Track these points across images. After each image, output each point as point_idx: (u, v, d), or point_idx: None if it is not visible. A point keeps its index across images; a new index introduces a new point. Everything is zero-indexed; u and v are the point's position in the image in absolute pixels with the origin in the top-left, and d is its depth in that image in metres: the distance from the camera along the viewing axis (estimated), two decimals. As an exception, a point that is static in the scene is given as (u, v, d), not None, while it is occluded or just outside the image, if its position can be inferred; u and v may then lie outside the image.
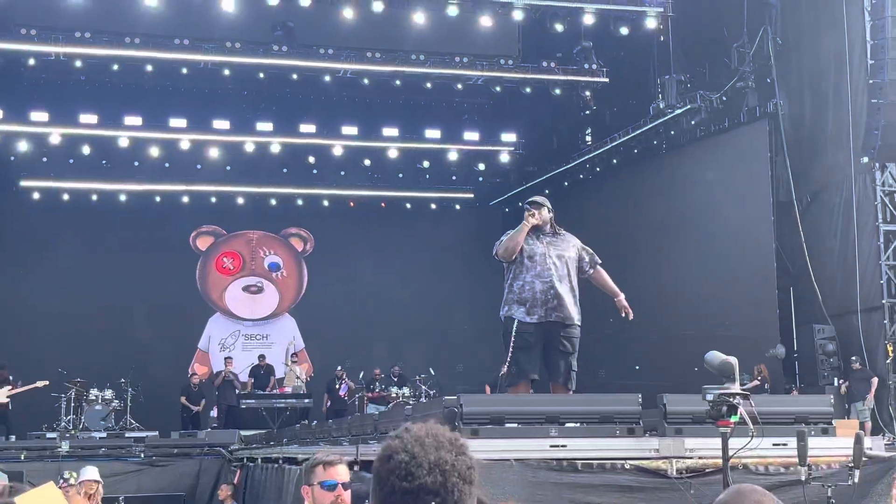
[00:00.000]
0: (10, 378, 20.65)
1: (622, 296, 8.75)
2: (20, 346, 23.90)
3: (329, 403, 22.57)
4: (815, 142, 19.11)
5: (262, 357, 23.24)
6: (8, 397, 20.36)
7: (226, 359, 22.79)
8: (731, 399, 5.71)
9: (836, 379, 18.09)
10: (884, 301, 17.66)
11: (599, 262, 8.72)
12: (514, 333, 8.20)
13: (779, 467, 6.64)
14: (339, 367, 23.19)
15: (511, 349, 8.19)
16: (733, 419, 5.71)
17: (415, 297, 27.56)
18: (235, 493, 15.59)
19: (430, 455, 2.18)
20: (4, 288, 25.70)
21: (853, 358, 17.70)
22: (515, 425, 6.87)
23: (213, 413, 22.47)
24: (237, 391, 22.18)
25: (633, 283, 12.60)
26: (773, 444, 6.50)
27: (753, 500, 2.50)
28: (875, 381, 17.39)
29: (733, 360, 5.91)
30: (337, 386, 22.72)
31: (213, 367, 25.49)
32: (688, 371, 14.15)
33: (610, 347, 22.77)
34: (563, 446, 6.63)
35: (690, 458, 6.65)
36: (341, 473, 4.80)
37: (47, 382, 20.45)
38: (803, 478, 6.14)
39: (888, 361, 17.58)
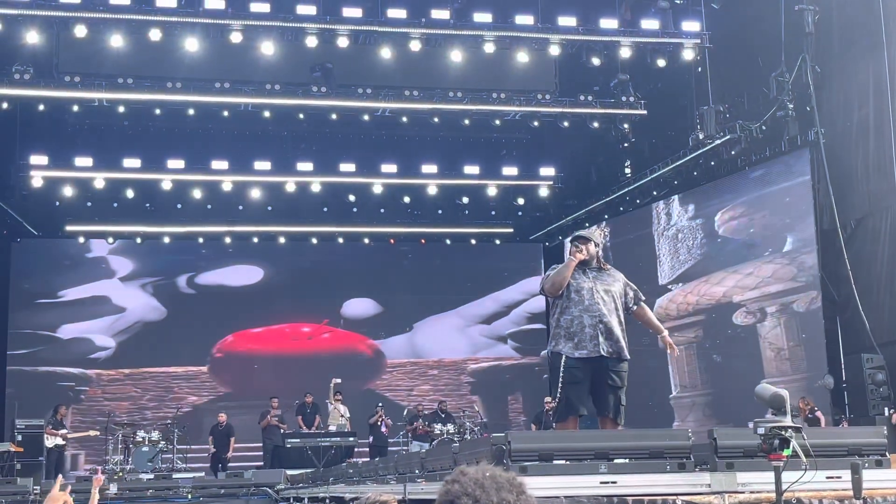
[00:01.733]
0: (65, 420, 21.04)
1: (666, 332, 8.74)
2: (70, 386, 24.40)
3: (371, 440, 22.59)
4: (858, 169, 18.94)
5: (307, 395, 23.27)
6: (65, 440, 20.68)
7: (271, 398, 22.83)
8: (783, 432, 5.65)
9: (886, 409, 17.80)
10: (933, 328, 17.40)
11: (643, 298, 8.72)
12: (562, 369, 8.18)
13: (833, 500, 6.53)
14: (380, 404, 23.22)
15: (560, 384, 8.17)
16: (786, 452, 5.64)
17: (455, 331, 27.60)
18: None
19: (492, 497, 2.20)
20: (54, 327, 26.12)
21: (903, 387, 17.43)
22: (564, 462, 6.82)
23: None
24: (282, 431, 22.23)
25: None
26: (827, 477, 6.41)
27: None
28: (926, 410, 17.11)
29: (784, 392, 5.85)
30: (379, 423, 22.72)
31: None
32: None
33: (655, 374, 22.73)
34: (613, 482, 6.56)
35: (743, 492, 6.56)
36: None
37: (98, 432, 20.73)
38: (859, 511, 6.05)
39: (939, 390, 17.29)
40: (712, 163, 22.01)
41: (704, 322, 22.97)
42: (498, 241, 29.08)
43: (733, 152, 21.19)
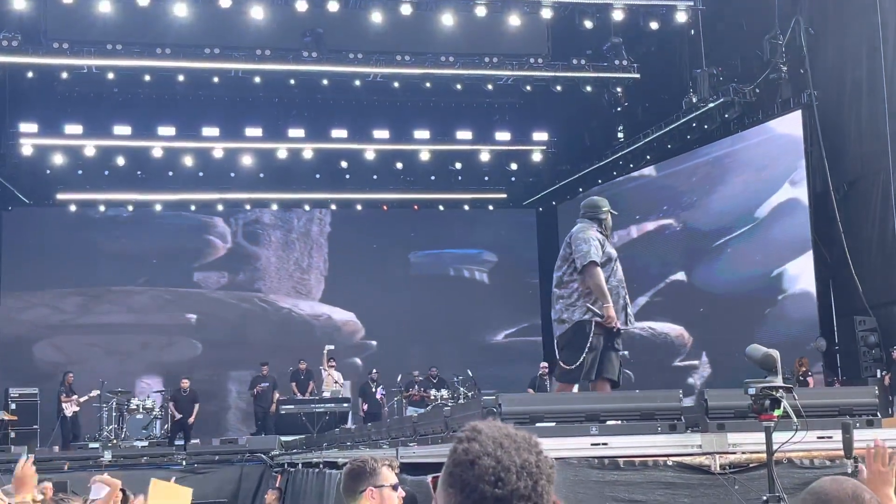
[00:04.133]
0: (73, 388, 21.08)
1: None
2: (60, 357, 24.24)
3: (366, 407, 22.61)
4: (851, 131, 18.89)
5: (301, 361, 23.27)
6: (78, 405, 20.74)
7: (262, 364, 22.78)
8: (774, 392, 5.64)
9: (878, 370, 17.85)
10: (925, 290, 17.42)
11: None
12: (592, 335, 8.18)
13: (824, 460, 6.54)
14: (374, 370, 23.23)
15: (586, 351, 8.17)
16: (777, 413, 5.63)
17: (448, 298, 27.57)
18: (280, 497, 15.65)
19: (514, 458, 2.08)
20: (44, 300, 26.00)
21: (894, 349, 17.46)
22: (555, 424, 6.82)
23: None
24: (274, 397, 22.18)
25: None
26: (818, 438, 6.41)
27: (852, 484, 2.48)
28: (919, 371, 17.15)
29: (775, 352, 5.83)
30: (373, 389, 22.73)
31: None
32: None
33: (645, 342, 22.72)
34: (604, 444, 6.57)
35: (734, 453, 6.57)
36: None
37: (98, 392, 20.75)
38: (850, 471, 6.03)
39: (931, 352, 17.32)
40: (706, 126, 21.92)
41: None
42: (491, 207, 29.02)
43: (727, 115, 21.10)
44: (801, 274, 19.75)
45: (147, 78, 22.26)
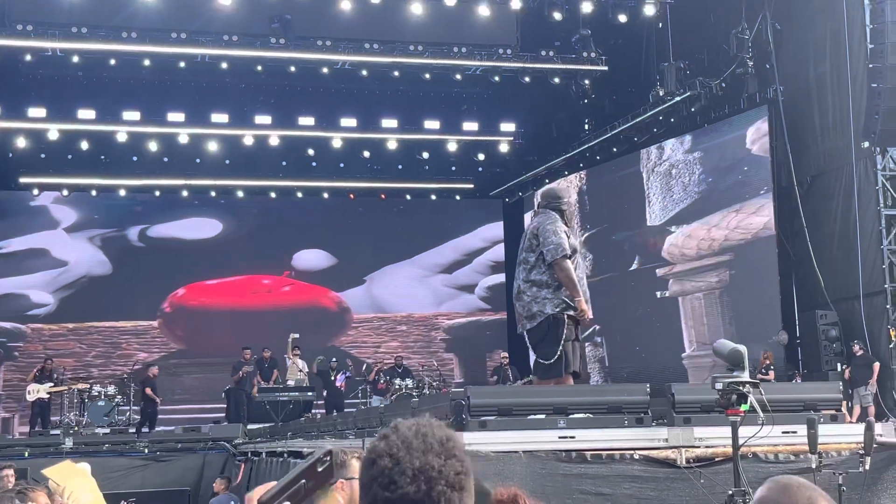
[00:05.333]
0: (56, 374, 20.82)
1: None
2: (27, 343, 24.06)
3: (325, 394, 22.50)
4: (816, 126, 19.06)
5: (265, 350, 23.15)
6: (48, 393, 20.48)
7: (244, 349, 22.48)
8: (741, 387, 5.68)
9: (839, 364, 18.07)
10: (886, 286, 17.62)
11: None
12: (565, 327, 8.07)
13: (789, 455, 6.62)
14: (334, 360, 23.18)
15: (562, 344, 8.04)
16: (743, 408, 5.68)
17: (415, 288, 27.58)
18: (231, 486, 15.55)
19: (415, 460, 2.03)
20: (7, 285, 25.74)
21: (855, 343, 17.67)
22: (523, 417, 6.84)
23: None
24: (257, 383, 21.95)
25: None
26: (783, 432, 6.47)
27: (804, 496, 2.21)
28: (877, 366, 17.36)
29: (742, 348, 5.88)
30: (333, 378, 22.65)
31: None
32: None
33: (609, 335, 22.84)
34: (571, 437, 6.60)
35: (699, 447, 6.63)
36: None
37: (86, 386, 20.51)
38: (814, 465, 6.12)
39: (891, 346, 17.55)
40: (672, 119, 22.03)
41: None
42: (458, 197, 29.02)
43: (693, 109, 21.23)
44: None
45: (112, 62, 22.00)
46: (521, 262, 8.32)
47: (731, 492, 5.55)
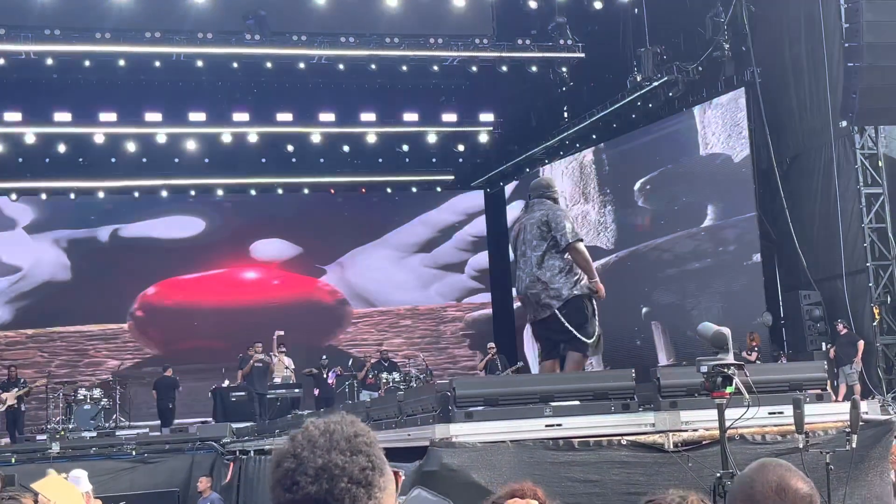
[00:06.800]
0: (22, 380, 20.60)
1: None
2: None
3: (317, 392, 22.41)
4: (793, 107, 19.10)
5: (249, 348, 22.98)
6: (17, 398, 20.29)
7: (254, 343, 21.76)
8: (726, 370, 5.68)
9: (823, 344, 18.13)
10: (868, 264, 17.70)
11: None
12: (594, 306, 8.29)
13: (776, 436, 6.61)
14: (324, 357, 23.07)
15: (591, 318, 8.25)
16: (729, 390, 5.68)
17: (399, 281, 27.53)
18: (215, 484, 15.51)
19: (318, 459, 1.98)
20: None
21: (839, 321, 17.74)
22: (509, 406, 6.82)
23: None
24: (270, 377, 21.55)
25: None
26: (770, 413, 6.48)
27: (777, 474, 2.36)
28: (861, 344, 17.43)
29: (726, 330, 5.87)
30: (324, 375, 22.57)
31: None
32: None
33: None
34: (558, 425, 6.58)
35: (686, 430, 6.62)
36: None
37: (44, 381, 20.34)
38: (801, 445, 6.12)
39: (874, 324, 17.62)
40: (650, 105, 22.04)
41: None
42: (439, 189, 28.99)
43: (671, 94, 21.23)
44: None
45: (87, 63, 21.86)
46: (523, 254, 8.39)
47: (719, 474, 5.55)
